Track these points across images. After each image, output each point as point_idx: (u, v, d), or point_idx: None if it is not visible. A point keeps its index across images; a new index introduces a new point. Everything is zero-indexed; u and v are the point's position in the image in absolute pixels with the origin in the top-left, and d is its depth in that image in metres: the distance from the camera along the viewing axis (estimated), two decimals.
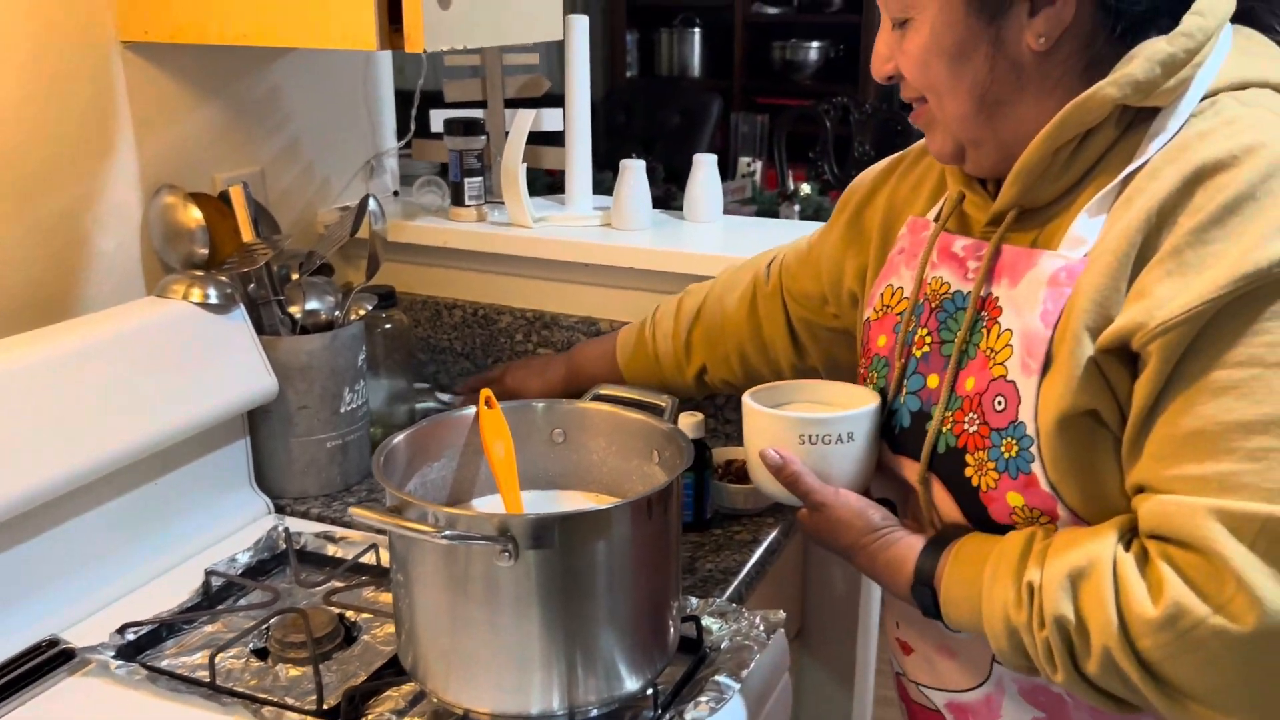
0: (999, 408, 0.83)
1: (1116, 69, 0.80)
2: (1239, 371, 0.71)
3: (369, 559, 1.22)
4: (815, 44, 4.69)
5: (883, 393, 0.98)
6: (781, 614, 1.11)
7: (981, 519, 0.87)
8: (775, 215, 3.26)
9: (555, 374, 1.38)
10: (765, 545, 1.30)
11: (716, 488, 1.34)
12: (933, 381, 0.91)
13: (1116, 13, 0.80)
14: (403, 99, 1.76)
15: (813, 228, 1.27)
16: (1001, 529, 0.85)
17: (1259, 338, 0.71)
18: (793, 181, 3.75)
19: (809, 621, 1.57)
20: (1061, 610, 0.75)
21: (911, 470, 0.93)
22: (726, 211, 3.08)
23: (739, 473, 1.39)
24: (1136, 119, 0.81)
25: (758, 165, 3.68)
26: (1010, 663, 0.82)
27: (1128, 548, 0.76)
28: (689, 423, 1.29)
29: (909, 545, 0.89)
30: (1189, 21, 0.79)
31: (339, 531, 1.30)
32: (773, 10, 4.76)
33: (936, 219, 0.98)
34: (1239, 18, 0.83)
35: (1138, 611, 0.72)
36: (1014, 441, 0.82)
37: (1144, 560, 0.74)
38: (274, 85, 1.51)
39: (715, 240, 1.57)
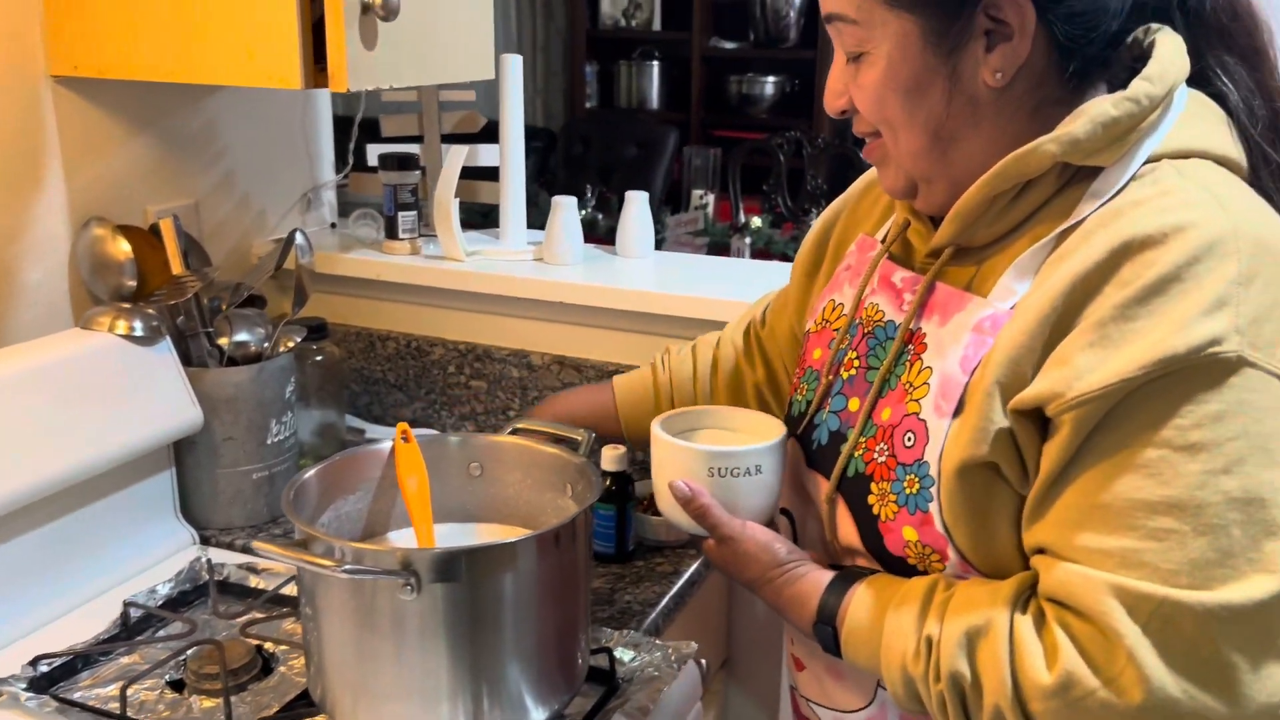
0: (908, 444, 0.85)
1: (1061, 125, 0.80)
2: (1150, 451, 0.72)
3: (290, 590, 1.23)
4: (771, 79, 4.76)
5: (809, 404, 1.00)
6: (693, 645, 1.12)
7: (877, 547, 0.88)
8: (727, 247, 3.29)
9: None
10: (686, 577, 1.32)
11: (639, 520, 1.36)
12: (854, 405, 0.93)
13: (1069, 52, 0.81)
14: (344, 128, 1.78)
15: (746, 265, 1.30)
16: (895, 560, 0.87)
17: (1171, 421, 0.72)
18: (745, 214, 3.79)
19: (735, 652, 1.58)
20: (958, 667, 0.77)
21: (821, 488, 0.94)
22: (679, 244, 3.10)
23: None
24: (1079, 174, 0.82)
25: (710, 197, 3.72)
26: (904, 705, 0.83)
27: (1025, 606, 0.78)
28: (612, 455, 1.31)
29: (813, 582, 0.90)
30: (1137, 87, 0.79)
31: (262, 563, 1.30)
32: (730, 45, 4.82)
33: (883, 240, 1.00)
34: (1192, 79, 0.83)
35: (1032, 676, 0.74)
36: (916, 479, 0.83)
37: (1041, 622, 0.76)
38: (209, 119, 1.53)
39: (646, 275, 1.60)
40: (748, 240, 3.26)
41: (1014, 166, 0.81)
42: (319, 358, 1.50)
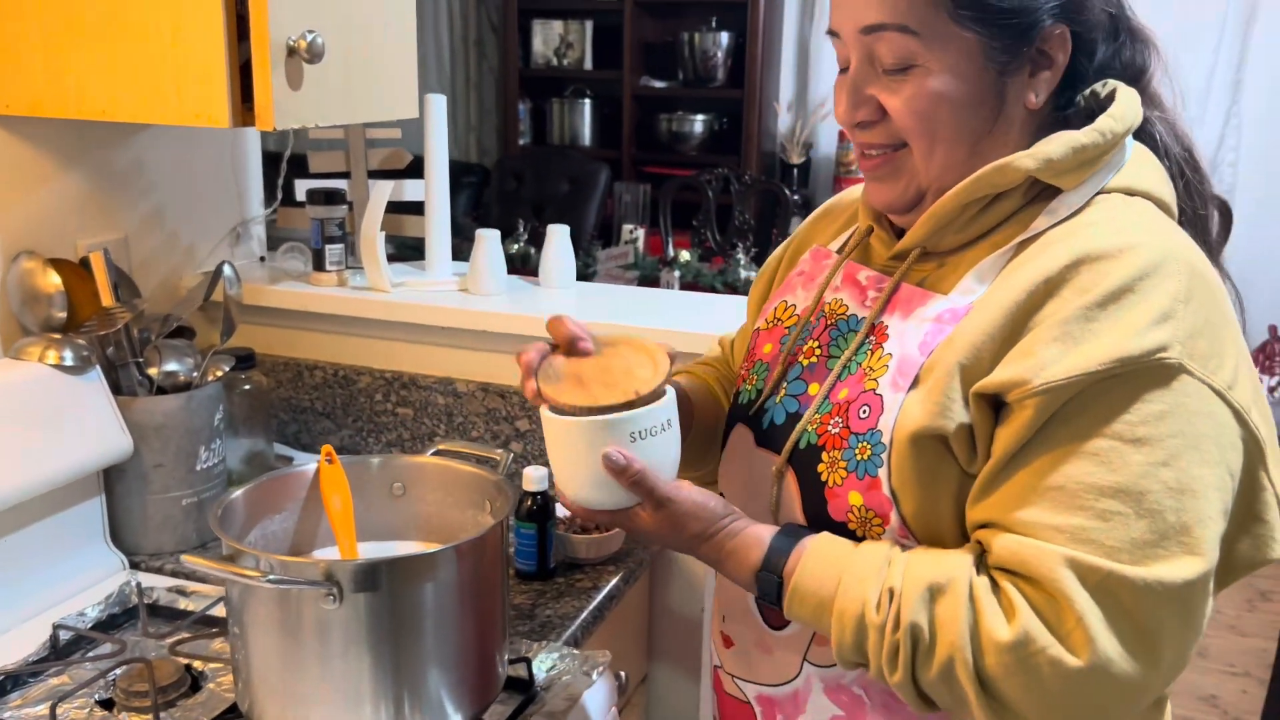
0: (863, 415, 0.90)
1: (1036, 146, 0.87)
2: (1102, 441, 0.79)
3: (219, 611, 1.27)
4: (700, 117, 4.87)
5: (758, 392, 1.03)
6: (607, 654, 1.18)
7: (820, 514, 0.92)
8: (657, 280, 3.37)
9: None
10: (605, 592, 1.37)
11: (560, 538, 1.42)
12: (814, 389, 0.97)
13: (1069, 87, 0.90)
14: (272, 164, 1.83)
15: (667, 295, 1.36)
16: (836, 525, 0.91)
17: (1123, 415, 0.79)
18: (675, 248, 3.88)
19: (654, 669, 1.64)
20: (917, 618, 0.82)
21: (770, 462, 0.97)
22: (610, 276, 3.18)
23: (581, 524, 1.47)
24: (1040, 195, 0.89)
25: (641, 232, 3.80)
26: (845, 656, 0.87)
27: (979, 571, 0.84)
28: (533, 475, 1.37)
29: (755, 534, 0.91)
30: (1104, 122, 0.87)
31: (191, 586, 1.34)
32: (660, 84, 4.93)
33: (839, 250, 1.05)
34: (1137, 132, 0.94)
35: (990, 632, 0.80)
36: (869, 446, 0.88)
37: (995, 588, 0.82)
38: (139, 154, 1.57)
39: (567, 305, 1.66)
40: (677, 273, 3.33)
41: (991, 176, 0.88)
42: (247, 386, 1.54)
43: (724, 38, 4.72)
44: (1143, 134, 0.94)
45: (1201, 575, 0.79)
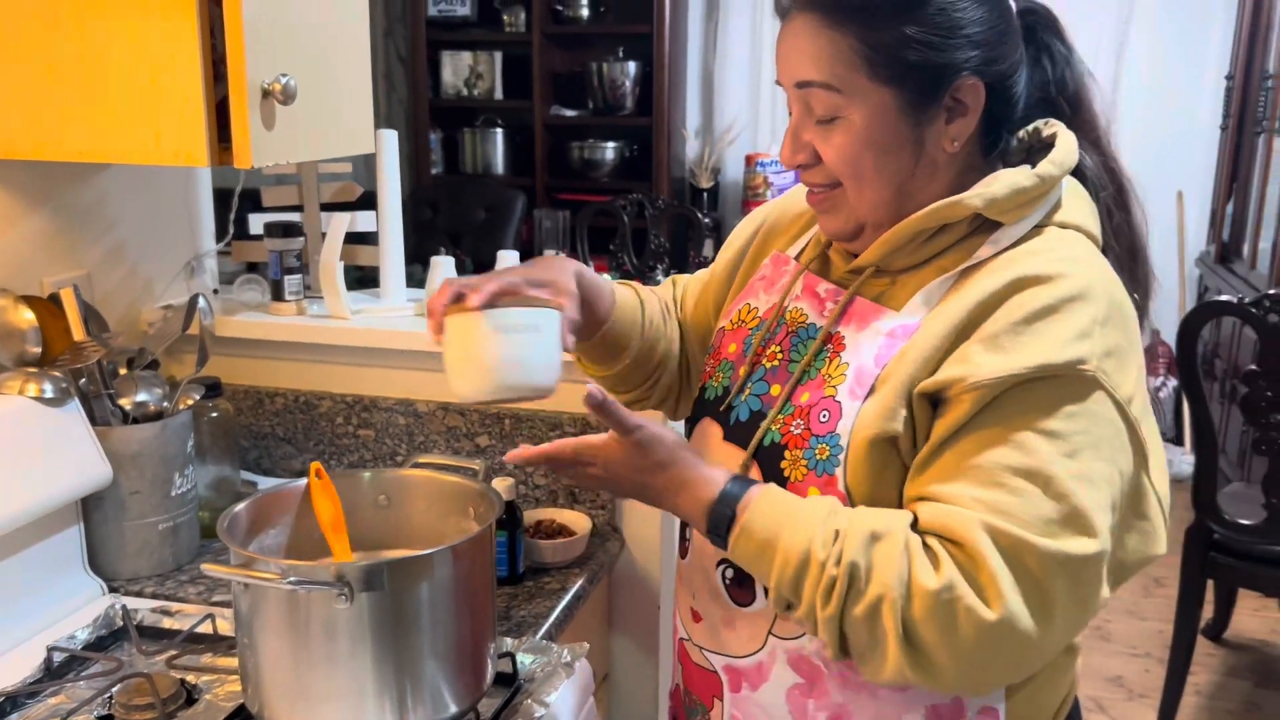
0: (823, 419, 1.00)
1: (981, 185, 0.99)
2: (1021, 432, 0.91)
3: (205, 628, 1.32)
4: (611, 144, 5.00)
5: (725, 389, 1.12)
6: (585, 645, 1.27)
7: None
8: None
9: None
10: (573, 592, 1.47)
11: (528, 544, 1.50)
12: (775, 390, 1.06)
13: (993, 129, 1.02)
14: (220, 197, 1.88)
15: None
16: None
17: (1041, 412, 0.91)
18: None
19: (614, 668, 1.73)
20: (856, 558, 0.90)
21: (736, 456, 1.06)
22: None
23: (549, 530, 1.56)
24: (983, 226, 1.00)
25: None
26: (781, 592, 0.94)
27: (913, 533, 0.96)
28: (501, 485, 1.46)
29: (710, 473, 1.00)
30: (1044, 167, 0.99)
31: (174, 606, 1.39)
32: (570, 113, 5.05)
33: (797, 257, 1.15)
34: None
35: (920, 579, 0.89)
36: (827, 447, 0.98)
37: (924, 547, 0.93)
38: (100, 194, 1.62)
39: None
40: None
41: (942, 212, 0.99)
42: (214, 414, 1.60)
43: (631, 67, 4.87)
44: (1079, 172, 1.06)
45: (1095, 554, 0.90)
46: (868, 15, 0.96)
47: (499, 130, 5.16)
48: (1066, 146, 1.02)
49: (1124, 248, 1.06)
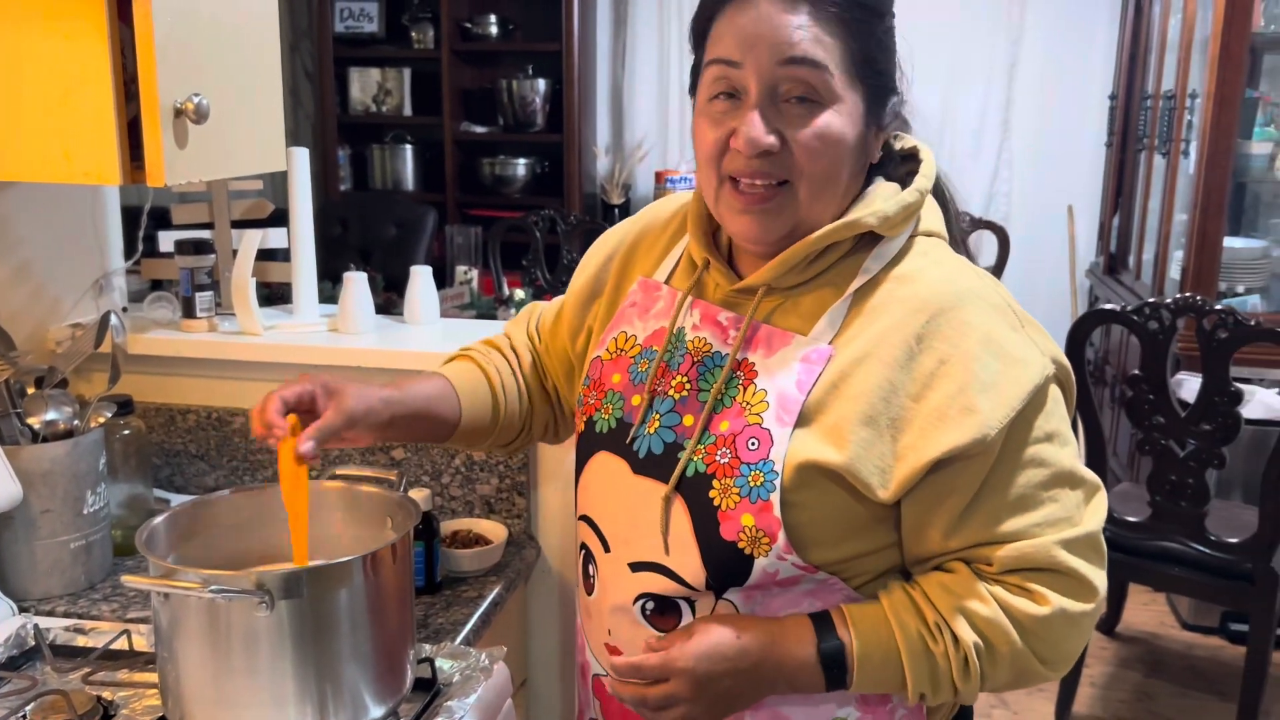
0: (752, 447, 1.01)
1: (866, 205, 1.03)
2: (1032, 449, 0.99)
3: (121, 644, 1.32)
4: (522, 160, 5.04)
5: (620, 422, 1.11)
6: (503, 648, 1.31)
7: (711, 535, 1.02)
8: (494, 318, 3.49)
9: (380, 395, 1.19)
10: (490, 599, 1.50)
11: (445, 554, 1.53)
12: (689, 420, 1.06)
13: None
14: (129, 215, 1.87)
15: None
16: (725, 545, 1.01)
17: (1038, 424, 1.00)
18: (508, 287, 4.01)
19: (532, 673, 1.77)
20: (966, 634, 0.98)
21: (653, 490, 1.06)
22: (447, 317, 3.31)
23: (466, 540, 1.59)
24: (862, 242, 1.05)
25: (474, 273, 3.92)
26: (919, 689, 1.00)
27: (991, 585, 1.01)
28: (418, 495, 1.48)
29: (792, 646, 1.02)
30: (919, 182, 1.05)
31: (88, 624, 1.38)
32: (480, 129, 5.07)
33: (667, 281, 1.15)
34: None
35: (1030, 614, 0.99)
36: (761, 474, 0.99)
37: (1013, 588, 1.00)
38: (4, 211, 1.60)
39: (435, 339, 1.78)
40: (513, 311, 3.47)
41: (839, 231, 1.02)
42: (126, 432, 1.59)
43: (541, 84, 4.92)
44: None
45: (1101, 522, 1.04)
46: (859, 19, 1.00)
47: (408, 146, 5.16)
48: (930, 161, 1.09)
49: (957, 239, 1.13)
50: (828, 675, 1.01)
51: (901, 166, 1.11)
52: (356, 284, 1.74)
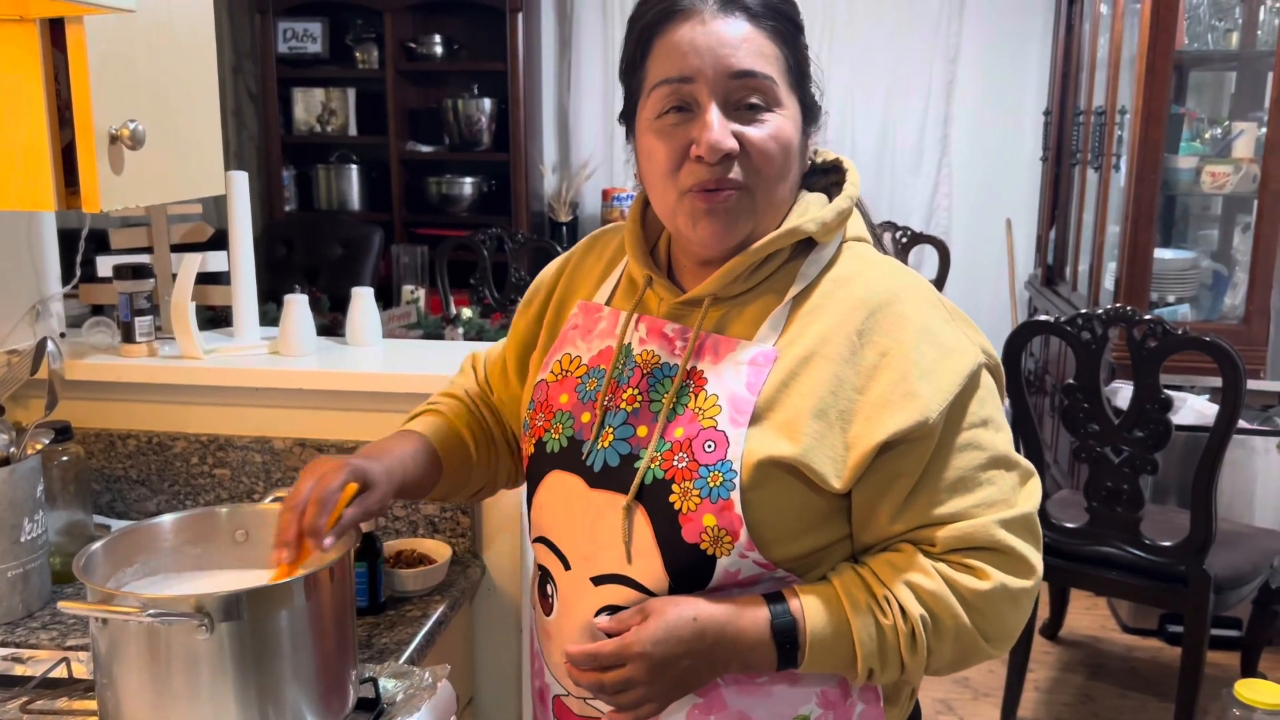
0: (708, 449, 1.03)
1: (803, 214, 1.08)
2: (969, 433, 1.03)
3: (60, 672, 1.31)
4: (469, 179, 5.04)
5: (571, 440, 1.12)
6: (447, 666, 1.32)
7: (673, 538, 1.04)
8: (441, 337, 3.49)
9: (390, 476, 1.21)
10: (434, 618, 1.51)
11: (388, 574, 1.54)
12: (642, 431, 1.08)
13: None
14: (66, 239, 1.86)
15: (464, 346, 1.50)
16: (688, 547, 1.03)
17: (972, 409, 1.04)
18: (455, 306, 4.01)
19: (479, 690, 1.77)
20: (914, 608, 1.02)
21: (613, 501, 1.07)
22: (393, 336, 3.30)
23: (410, 560, 1.60)
24: (798, 249, 1.09)
25: (421, 292, 3.92)
26: (869, 663, 1.02)
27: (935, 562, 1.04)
28: None
29: (746, 625, 1.03)
30: (848, 190, 1.11)
31: (26, 653, 1.37)
32: (426, 148, 5.07)
33: (607, 302, 1.17)
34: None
35: (970, 591, 1.02)
36: (719, 474, 1.02)
37: (959, 566, 1.03)
38: None
39: (376, 360, 1.79)
40: (460, 330, 3.47)
41: (784, 238, 1.07)
42: (65, 458, 1.58)
43: (486, 104, 4.93)
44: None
45: (1036, 504, 1.08)
46: (790, 31, 1.06)
47: (354, 166, 5.15)
48: (854, 171, 1.15)
49: (878, 242, 1.18)
50: (780, 653, 1.03)
51: (824, 178, 1.16)
52: (297, 306, 1.74)
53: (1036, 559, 1.06)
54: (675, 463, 1.05)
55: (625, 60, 1.10)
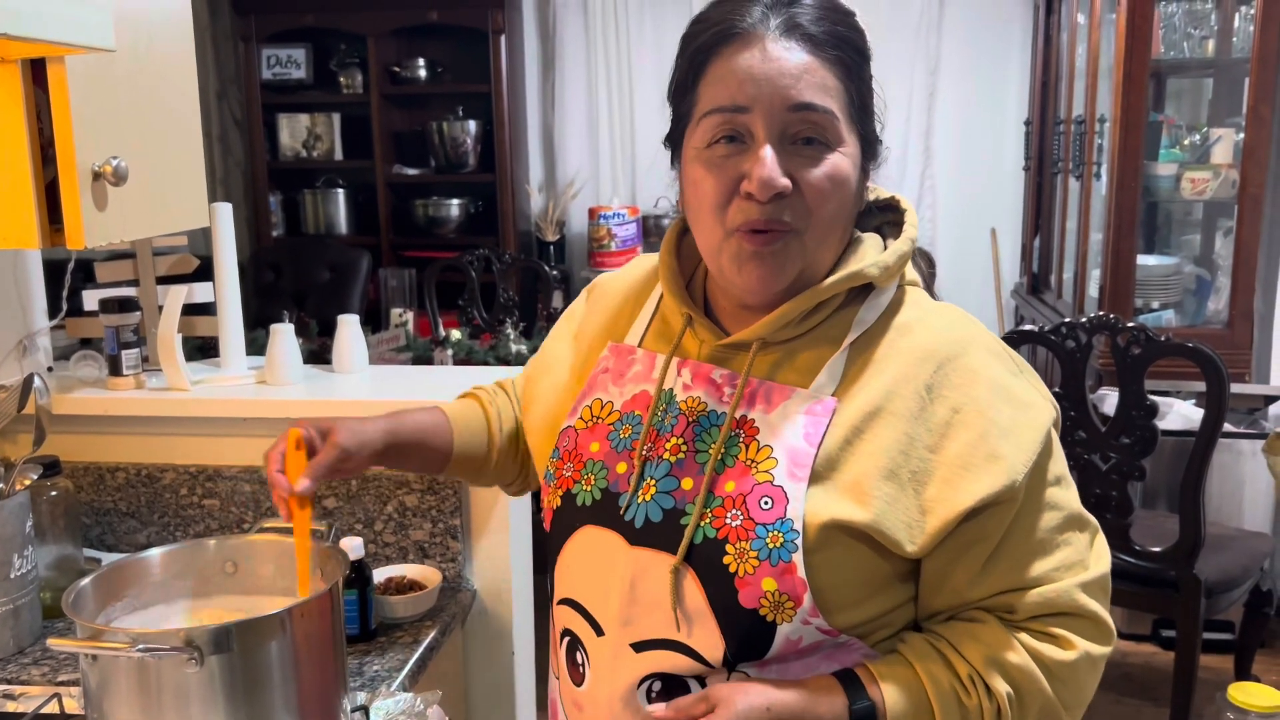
0: (765, 506, 0.95)
1: (861, 256, 1.01)
2: (1047, 494, 0.97)
3: (52, 708, 1.31)
4: (455, 201, 5.05)
5: (605, 492, 1.04)
6: (438, 692, 1.32)
7: (729, 604, 0.96)
8: (430, 361, 3.50)
9: (375, 426, 1.21)
10: (425, 644, 1.51)
11: (378, 601, 1.54)
12: (687, 484, 1.00)
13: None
14: (56, 270, 1.87)
15: (449, 371, 1.50)
16: (745, 613, 0.95)
17: (1049, 468, 0.98)
18: (444, 328, 4.02)
19: (471, 714, 1.77)
20: (999, 684, 0.95)
21: (660, 561, 0.99)
22: (383, 360, 3.30)
23: (400, 586, 1.61)
24: (854, 294, 1.02)
25: (410, 315, 3.93)
26: None
27: (1017, 632, 0.98)
28: (349, 544, 1.49)
29: (823, 712, 0.96)
30: (907, 230, 1.04)
31: (17, 689, 1.38)
32: (412, 171, 5.08)
33: (639, 344, 1.10)
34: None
35: (1058, 660, 0.96)
36: (780, 534, 0.94)
37: (1040, 635, 0.97)
38: None
39: (363, 388, 1.80)
40: (449, 352, 3.48)
41: (843, 283, 1.00)
42: (54, 493, 1.59)
43: (471, 125, 4.95)
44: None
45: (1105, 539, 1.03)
46: (855, 62, 0.98)
47: (340, 190, 5.16)
48: (913, 211, 1.08)
49: (930, 289, 1.14)
50: None
51: (877, 216, 1.09)
52: (283, 335, 1.75)
53: (1111, 622, 1.01)
54: (729, 520, 0.97)
55: (675, 81, 1.02)
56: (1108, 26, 3.68)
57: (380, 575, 1.61)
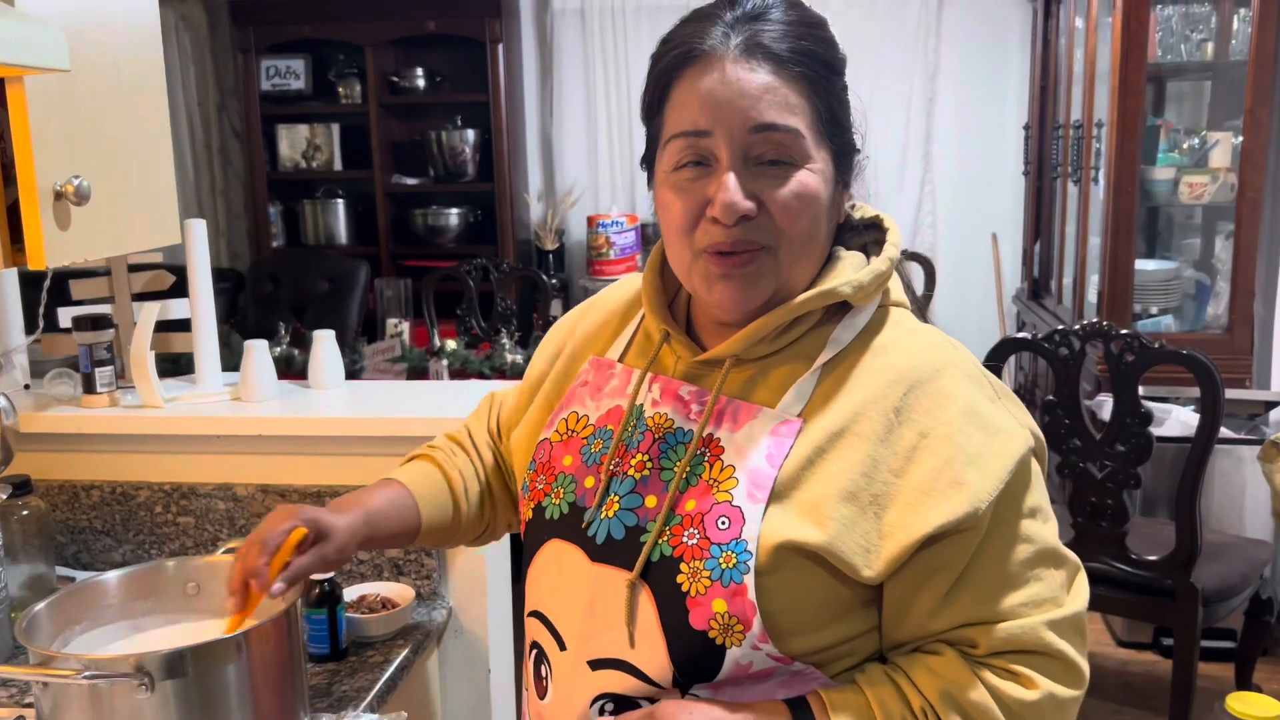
0: (722, 526, 0.94)
1: (838, 274, 0.98)
2: (1019, 525, 0.93)
3: None
4: (454, 210, 5.06)
5: (573, 506, 1.03)
6: (403, 713, 1.31)
7: (679, 624, 0.94)
8: (426, 371, 3.49)
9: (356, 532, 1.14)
10: (396, 663, 1.50)
11: (350, 620, 1.53)
12: (650, 501, 0.99)
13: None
14: (34, 285, 1.86)
15: (432, 386, 1.49)
16: (695, 634, 0.94)
17: (1022, 499, 0.94)
18: (441, 338, 4.02)
19: None
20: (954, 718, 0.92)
21: (619, 578, 0.98)
22: (378, 370, 3.26)
23: (372, 604, 1.59)
24: (831, 312, 1.00)
25: (405, 325, 3.92)
26: None
27: (975, 667, 0.94)
28: None
29: (751, 712, 0.93)
30: (889, 250, 1.01)
31: None
32: (411, 181, 5.09)
33: (620, 359, 1.09)
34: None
35: (1020, 699, 0.92)
36: (733, 555, 0.92)
37: (1003, 672, 0.93)
38: None
39: (338, 404, 1.79)
40: (445, 363, 3.47)
41: (815, 300, 0.98)
42: (25, 512, 1.58)
43: (470, 135, 4.95)
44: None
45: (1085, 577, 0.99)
46: (821, 76, 0.97)
47: (340, 201, 5.17)
48: (896, 229, 1.05)
49: (919, 309, 1.11)
50: None
51: (862, 235, 1.07)
52: (257, 352, 1.74)
53: (1084, 663, 0.96)
54: (685, 539, 0.95)
55: (644, 104, 1.03)
56: (1104, 30, 3.66)
57: (353, 593, 1.60)
